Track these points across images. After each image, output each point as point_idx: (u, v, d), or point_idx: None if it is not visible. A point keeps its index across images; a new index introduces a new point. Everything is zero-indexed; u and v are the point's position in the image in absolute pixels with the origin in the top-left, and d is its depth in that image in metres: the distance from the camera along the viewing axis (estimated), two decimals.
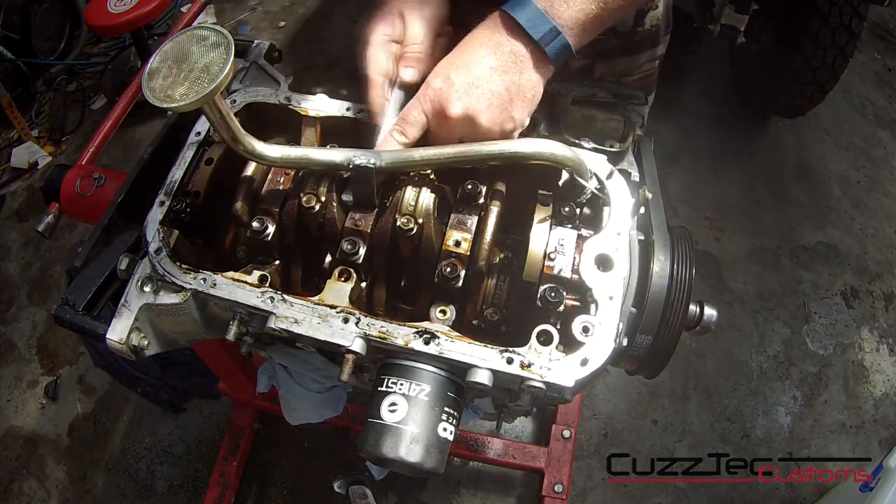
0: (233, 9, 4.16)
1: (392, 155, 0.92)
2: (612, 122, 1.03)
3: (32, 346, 2.81)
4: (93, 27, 2.91)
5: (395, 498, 2.35)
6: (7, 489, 2.45)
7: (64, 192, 1.27)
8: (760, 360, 2.68)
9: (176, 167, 1.01)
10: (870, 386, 2.65)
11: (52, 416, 2.61)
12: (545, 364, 0.81)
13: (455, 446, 0.86)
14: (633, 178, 1.00)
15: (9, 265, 3.07)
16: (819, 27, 2.67)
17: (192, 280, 0.89)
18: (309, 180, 0.98)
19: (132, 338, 0.90)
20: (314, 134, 1.06)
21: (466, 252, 0.91)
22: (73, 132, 3.56)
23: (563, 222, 0.93)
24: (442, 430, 0.82)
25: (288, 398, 1.43)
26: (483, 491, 2.38)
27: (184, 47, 0.80)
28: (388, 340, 0.84)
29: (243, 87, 1.11)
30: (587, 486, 2.38)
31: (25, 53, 3.43)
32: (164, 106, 0.78)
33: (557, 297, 0.85)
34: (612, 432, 2.50)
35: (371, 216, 0.95)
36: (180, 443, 2.51)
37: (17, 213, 3.27)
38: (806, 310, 2.82)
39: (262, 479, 2.40)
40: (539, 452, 2.24)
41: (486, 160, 0.92)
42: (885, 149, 3.40)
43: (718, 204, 3.12)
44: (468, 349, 0.83)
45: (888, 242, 2.99)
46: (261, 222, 0.96)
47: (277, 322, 0.86)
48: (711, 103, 3.49)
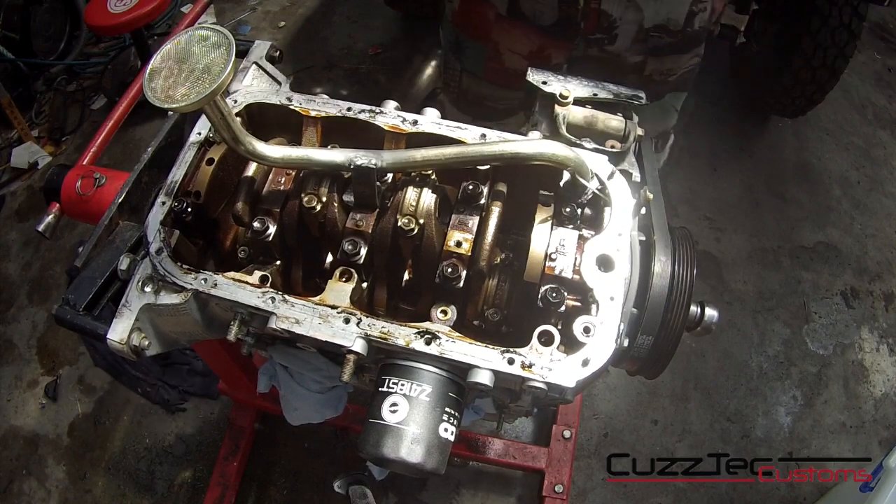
0: (233, 9, 4.16)
1: (393, 155, 0.92)
2: (613, 122, 1.03)
3: (32, 346, 2.80)
4: (93, 27, 2.91)
5: (395, 498, 2.35)
6: (7, 489, 2.45)
7: (64, 192, 1.27)
8: (760, 360, 2.68)
9: (177, 167, 1.01)
10: (870, 386, 2.64)
11: (52, 416, 2.61)
12: (546, 364, 0.81)
13: (456, 446, 0.86)
14: (634, 178, 1.00)
15: (9, 265, 3.07)
16: (819, 27, 2.67)
17: (193, 280, 0.89)
18: (310, 180, 0.98)
19: (133, 338, 0.90)
20: (315, 134, 1.06)
21: (467, 252, 0.91)
22: (73, 132, 3.56)
23: (565, 223, 0.93)
24: (443, 430, 0.82)
25: (288, 398, 1.43)
26: (483, 491, 2.38)
27: (185, 48, 0.80)
28: (389, 341, 0.84)
29: (244, 87, 1.11)
30: (587, 486, 2.38)
31: (25, 53, 3.43)
32: (165, 106, 0.78)
33: (559, 298, 0.85)
34: (612, 432, 2.50)
35: (372, 216, 0.95)
36: (180, 443, 2.50)
37: (17, 213, 3.27)
38: (806, 310, 2.82)
39: (262, 479, 2.40)
40: (539, 453, 2.24)
41: (488, 161, 0.92)
42: (885, 149, 3.40)
43: (718, 204, 3.12)
44: (469, 350, 0.83)
45: (888, 242, 2.99)
46: (262, 222, 0.96)
47: (278, 322, 0.86)
48: (711, 103, 3.48)
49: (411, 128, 1.01)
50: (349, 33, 3.91)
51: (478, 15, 1.49)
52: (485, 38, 1.52)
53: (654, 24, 1.33)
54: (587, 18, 1.29)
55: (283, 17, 4.08)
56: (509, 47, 1.49)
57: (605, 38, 1.34)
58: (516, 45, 1.48)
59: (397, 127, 1.01)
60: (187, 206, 0.97)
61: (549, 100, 1.04)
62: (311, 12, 4.07)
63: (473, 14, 1.51)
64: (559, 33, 1.36)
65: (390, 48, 3.83)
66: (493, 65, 1.56)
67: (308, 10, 4.09)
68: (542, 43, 1.42)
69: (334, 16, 4.04)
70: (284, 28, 4.00)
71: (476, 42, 1.56)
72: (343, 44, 3.84)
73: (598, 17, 1.30)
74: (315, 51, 3.82)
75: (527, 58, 1.48)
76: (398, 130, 1.01)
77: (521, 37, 1.44)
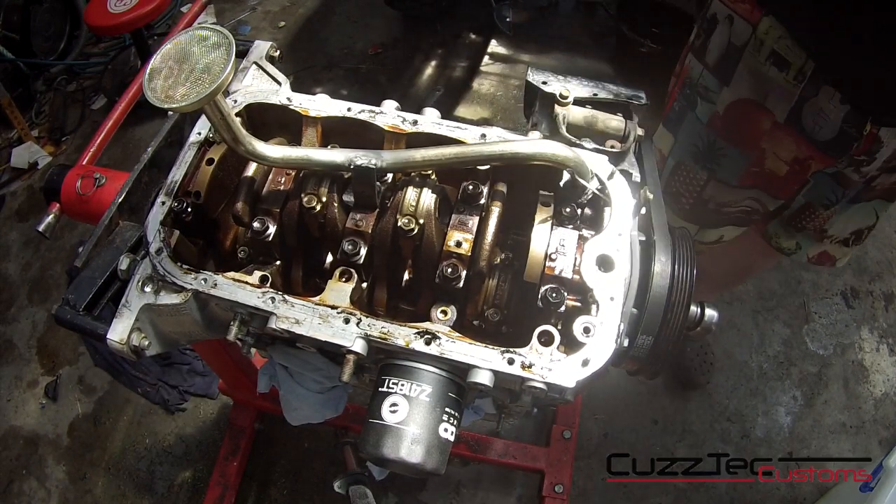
0: (233, 9, 4.16)
1: (393, 155, 0.92)
2: (613, 122, 1.03)
3: (32, 346, 2.81)
4: (93, 27, 2.91)
5: (395, 498, 2.35)
6: (7, 489, 2.45)
7: (64, 192, 1.27)
8: (760, 360, 2.68)
9: (177, 167, 1.00)
10: (870, 386, 2.65)
11: (52, 416, 2.61)
12: (546, 365, 0.81)
13: (456, 446, 0.86)
14: (634, 178, 1.00)
15: (9, 265, 3.07)
16: None
17: (193, 280, 0.89)
18: (310, 181, 0.98)
19: (133, 338, 0.90)
20: (315, 134, 1.06)
21: (467, 252, 0.91)
22: (73, 132, 3.56)
23: (565, 223, 0.92)
24: (443, 430, 0.82)
25: (288, 398, 1.43)
26: (483, 491, 2.38)
27: (185, 48, 0.80)
28: (389, 341, 0.84)
29: (244, 87, 1.11)
30: (587, 486, 2.38)
31: (25, 53, 3.43)
32: (165, 106, 0.78)
33: (558, 298, 0.85)
34: (612, 432, 2.50)
35: (372, 217, 0.95)
36: (180, 443, 2.51)
37: (17, 213, 3.27)
38: (806, 310, 2.82)
39: (262, 479, 2.40)
40: (539, 453, 2.24)
41: (488, 161, 0.92)
42: None
43: None
44: (469, 350, 0.82)
45: (888, 242, 3.00)
46: (262, 223, 0.96)
47: (278, 322, 0.86)
48: None
49: (411, 128, 1.01)
50: (349, 33, 3.92)
51: (750, 122, 1.37)
52: (753, 145, 1.41)
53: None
54: (861, 141, 1.26)
55: (283, 17, 4.09)
56: (775, 152, 1.40)
57: (865, 159, 1.32)
58: (782, 152, 1.38)
59: (397, 127, 1.01)
60: (187, 206, 0.97)
61: (549, 100, 1.03)
62: (311, 12, 4.08)
63: (744, 121, 1.38)
64: (831, 150, 1.31)
65: (390, 48, 3.83)
66: (753, 170, 1.45)
67: (308, 10, 4.09)
68: (810, 154, 1.35)
69: (334, 16, 4.05)
70: (284, 28, 4.00)
71: (738, 149, 1.44)
72: (343, 44, 3.84)
73: (871, 142, 1.26)
74: (315, 51, 3.82)
75: (789, 164, 1.39)
76: (398, 130, 1.01)
77: (790, 144, 1.36)
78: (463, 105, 3.60)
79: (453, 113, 3.53)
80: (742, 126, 1.40)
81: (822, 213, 1.52)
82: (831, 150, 1.31)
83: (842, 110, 1.23)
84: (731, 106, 1.39)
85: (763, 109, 1.33)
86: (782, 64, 1.25)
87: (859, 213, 1.53)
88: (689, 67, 1.48)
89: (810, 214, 1.54)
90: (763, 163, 1.43)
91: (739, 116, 1.39)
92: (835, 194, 1.47)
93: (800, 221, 1.57)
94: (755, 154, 1.42)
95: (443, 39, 3.90)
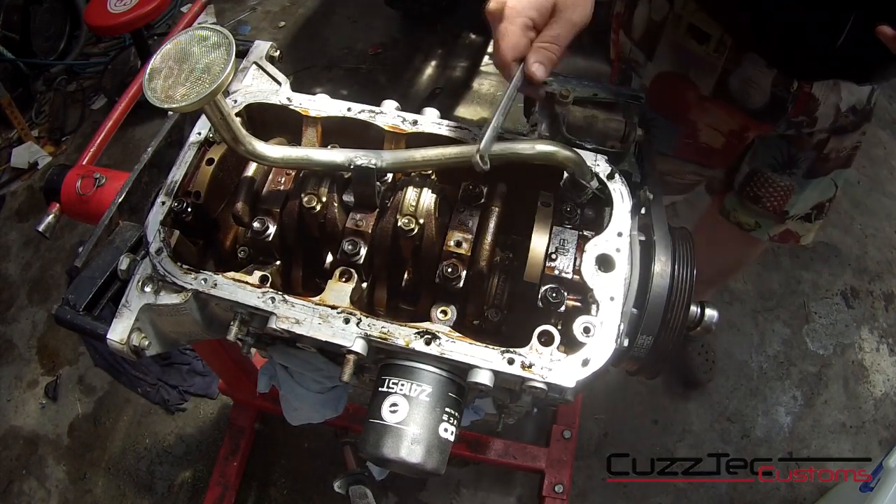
0: (233, 9, 4.16)
1: (393, 155, 0.92)
2: (613, 122, 1.03)
3: (32, 346, 2.80)
4: (93, 27, 2.92)
5: (395, 498, 2.35)
6: (7, 489, 2.45)
7: (64, 192, 1.27)
8: (760, 360, 2.68)
9: (176, 167, 1.00)
10: (870, 386, 2.64)
11: (52, 416, 2.61)
12: (546, 364, 0.81)
13: (456, 446, 0.85)
14: (634, 178, 1.00)
15: (9, 265, 3.07)
16: None
17: (193, 280, 0.89)
18: (310, 181, 0.98)
19: (133, 338, 0.90)
20: (315, 134, 1.06)
21: (467, 252, 0.91)
22: (73, 132, 3.56)
23: (564, 223, 0.93)
24: (443, 430, 0.82)
25: (288, 398, 1.43)
26: (483, 491, 2.38)
27: (185, 48, 0.80)
28: (389, 341, 0.84)
29: (244, 87, 1.11)
30: (587, 486, 2.38)
31: (25, 53, 3.43)
32: (165, 106, 0.78)
33: (558, 298, 0.85)
34: (612, 432, 2.50)
35: (372, 216, 0.95)
36: (180, 443, 2.51)
37: (17, 213, 3.27)
38: (806, 310, 2.82)
39: (262, 479, 2.40)
40: (539, 453, 2.24)
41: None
42: (885, 149, 3.40)
43: None
44: (469, 350, 0.82)
45: (888, 242, 2.99)
46: (262, 223, 0.96)
47: (278, 322, 0.86)
48: None
49: (411, 128, 1.01)
50: (349, 33, 3.92)
51: (675, 95, 1.39)
52: (681, 118, 1.43)
53: (849, 106, 1.31)
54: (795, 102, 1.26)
55: (283, 17, 4.09)
56: (709, 124, 1.42)
57: (805, 120, 1.31)
58: (717, 123, 1.40)
59: (397, 127, 1.02)
60: (187, 206, 0.97)
61: (548, 100, 1.03)
62: (311, 12, 4.08)
63: (670, 94, 1.40)
64: (766, 116, 1.32)
65: (390, 48, 3.83)
66: (686, 141, 1.47)
67: (308, 10, 4.09)
68: (745, 123, 1.36)
69: (334, 16, 4.05)
70: (284, 28, 4.00)
71: (669, 121, 1.45)
72: (343, 44, 3.84)
73: (806, 101, 1.27)
74: (315, 51, 3.82)
75: (726, 135, 1.41)
76: (398, 130, 1.01)
77: (723, 116, 1.37)
78: (463, 105, 3.60)
79: (453, 113, 3.53)
80: (669, 98, 1.41)
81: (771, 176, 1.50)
82: (766, 116, 1.32)
83: (769, 74, 1.23)
84: (656, 79, 1.41)
85: (687, 81, 1.35)
86: (701, 37, 1.26)
87: (818, 189, 1.52)
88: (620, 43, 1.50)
89: (760, 180, 1.52)
90: (696, 135, 1.44)
91: (664, 89, 1.40)
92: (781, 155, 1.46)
93: (752, 190, 1.54)
94: (685, 126, 1.44)
95: (443, 39, 3.90)
